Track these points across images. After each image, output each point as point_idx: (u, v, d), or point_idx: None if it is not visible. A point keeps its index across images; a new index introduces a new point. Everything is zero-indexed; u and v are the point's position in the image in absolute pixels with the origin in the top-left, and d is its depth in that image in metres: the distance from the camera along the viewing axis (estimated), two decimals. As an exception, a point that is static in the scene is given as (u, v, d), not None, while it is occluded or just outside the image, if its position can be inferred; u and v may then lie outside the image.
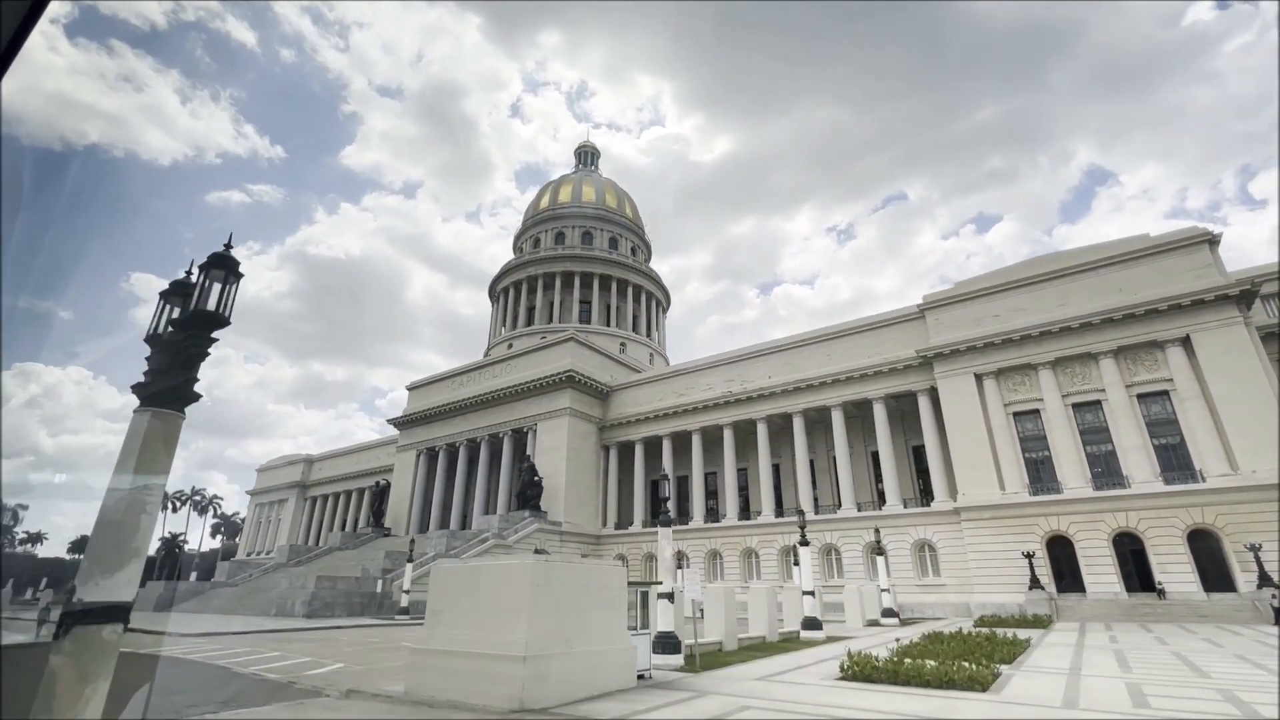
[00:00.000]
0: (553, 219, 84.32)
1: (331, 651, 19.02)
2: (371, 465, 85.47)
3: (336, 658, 17.37)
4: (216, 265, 5.69)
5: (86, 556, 4.96)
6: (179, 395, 5.46)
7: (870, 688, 11.93)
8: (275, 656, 17.52)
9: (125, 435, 5.31)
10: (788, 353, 52.84)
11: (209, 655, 17.93)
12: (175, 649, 19.78)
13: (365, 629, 29.96)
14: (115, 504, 5.01)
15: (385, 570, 41.95)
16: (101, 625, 4.71)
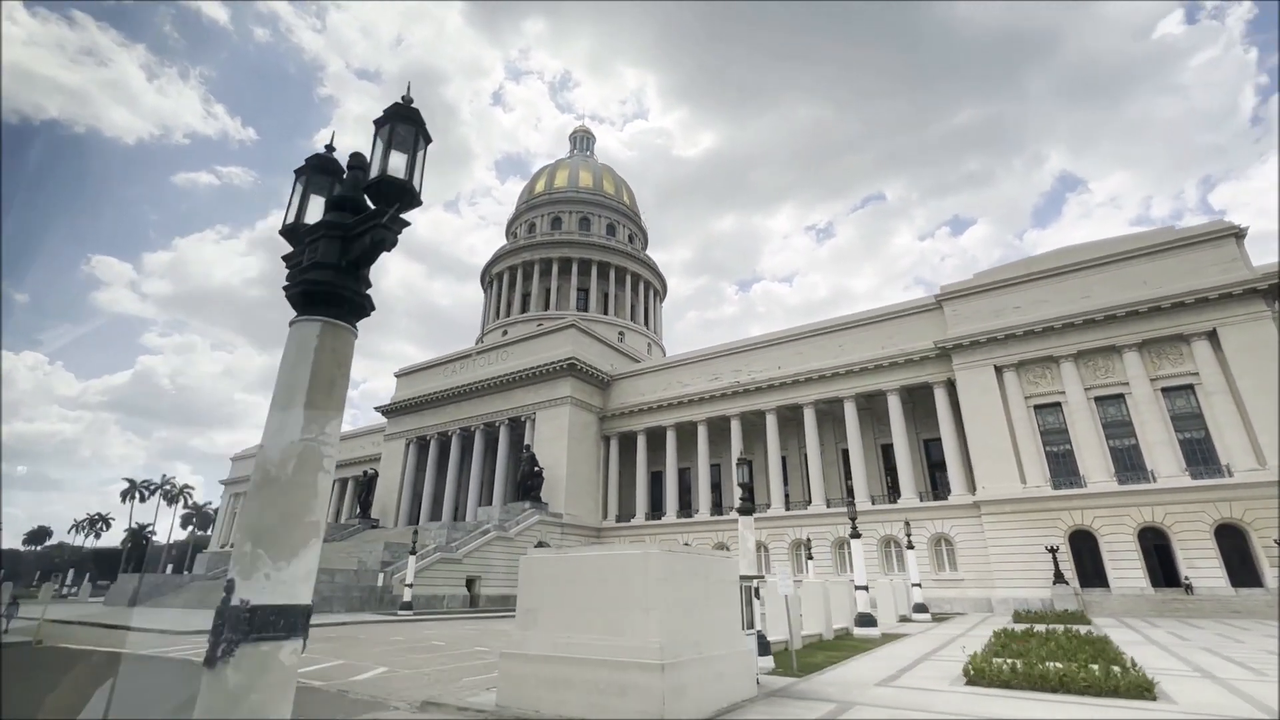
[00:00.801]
0: (549, 204, 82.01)
1: (358, 652, 17.13)
2: (355, 455, 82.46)
3: (371, 660, 15.51)
4: (403, 119, 3.94)
5: (245, 533, 3.22)
6: (354, 300, 3.72)
7: (1017, 695, 10.60)
8: (302, 659, 15.56)
9: (282, 360, 3.57)
10: (798, 343, 51.73)
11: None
12: (178, 649, 17.67)
13: (374, 625, 27.92)
14: (282, 457, 3.29)
15: (385, 563, 39.75)
16: (279, 641, 2.99)
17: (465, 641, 20.20)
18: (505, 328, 74.47)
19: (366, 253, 3.71)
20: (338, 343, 3.62)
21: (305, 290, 3.59)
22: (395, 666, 14.44)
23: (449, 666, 14.45)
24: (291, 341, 3.57)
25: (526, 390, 59.48)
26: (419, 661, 15.32)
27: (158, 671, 14.12)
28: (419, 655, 16.52)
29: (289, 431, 3.32)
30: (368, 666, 14.32)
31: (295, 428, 3.34)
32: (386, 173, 3.74)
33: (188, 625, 25.66)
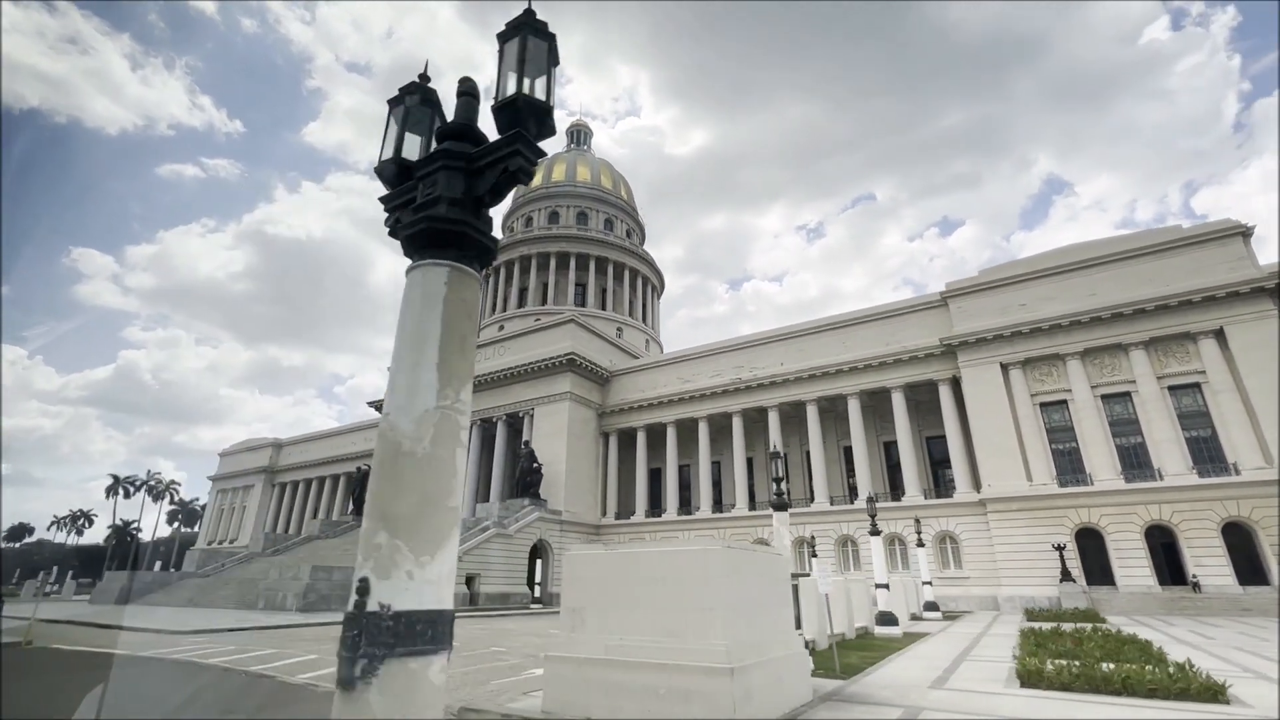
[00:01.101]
0: (546, 197, 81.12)
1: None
2: (347, 450, 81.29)
3: None
4: (534, 32, 3.29)
5: (377, 521, 2.59)
6: (481, 242, 3.10)
7: (1079, 698, 10.14)
8: (313, 660, 14.86)
9: (403, 311, 2.94)
10: (801, 339, 51.36)
11: (227, 658, 15.16)
12: (178, 649, 16.87)
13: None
14: (417, 428, 2.67)
15: (383, 560, 38.93)
16: (429, 655, 2.37)
17: (477, 642, 19.54)
18: (502, 323, 73.58)
19: (497, 186, 3.10)
20: (466, 292, 3.00)
21: (429, 229, 2.97)
22: None
23: (471, 669, 13.81)
24: (414, 289, 2.95)
25: (524, 386, 58.72)
26: None
27: (162, 674, 13.36)
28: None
29: (422, 396, 2.70)
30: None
31: (429, 391, 2.72)
32: (523, 92, 3.11)
33: (185, 625, 24.78)
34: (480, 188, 3.09)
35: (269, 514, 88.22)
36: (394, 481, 2.61)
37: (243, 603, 36.40)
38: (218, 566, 50.77)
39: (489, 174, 3.08)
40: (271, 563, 48.63)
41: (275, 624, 25.52)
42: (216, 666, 13.85)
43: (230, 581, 43.82)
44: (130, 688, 12.70)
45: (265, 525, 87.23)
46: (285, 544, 55.54)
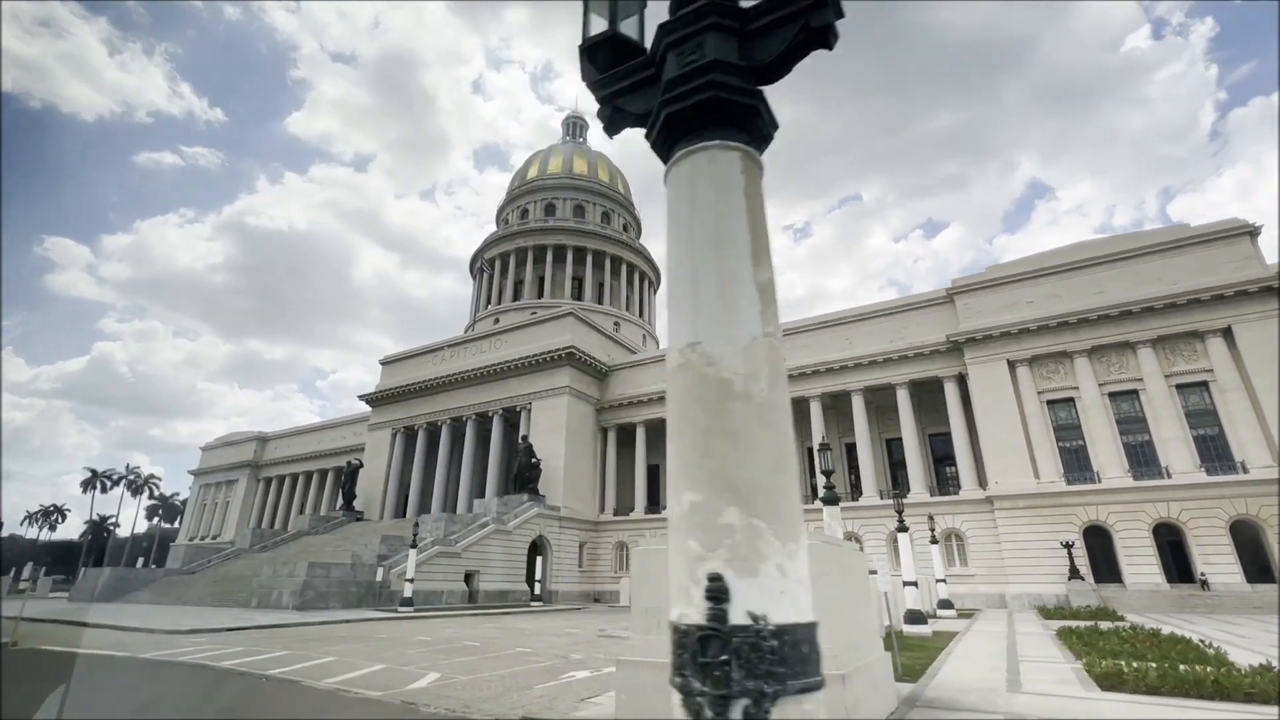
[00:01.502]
0: (542, 190, 79.92)
1: (393, 654, 15.49)
2: (334, 445, 79.61)
3: (413, 664, 13.92)
4: None
5: (718, 491, 1.78)
6: (766, 125, 2.29)
7: (1170, 702, 9.57)
8: (331, 662, 13.91)
9: (682, 211, 2.13)
10: (803, 335, 50.85)
11: (236, 660, 14.15)
12: (182, 651, 15.81)
13: (384, 623, 26.13)
14: (747, 363, 1.93)
15: (381, 556, 37.74)
16: (816, 690, 1.57)
17: (498, 642, 18.65)
18: (497, 315, 72.35)
19: (788, 52, 2.30)
20: (759, 189, 2.20)
21: (712, 99, 2.16)
22: (446, 672, 12.89)
23: (504, 672, 12.96)
24: (697, 180, 2.15)
25: (522, 380, 57.68)
26: (468, 665, 13.79)
27: (175, 680, 12.34)
28: (462, 658, 14.96)
29: (746, 319, 1.91)
30: (415, 672, 12.75)
31: (752, 312, 1.94)
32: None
33: (179, 624, 23.58)
34: (764, 53, 2.30)
35: (253, 509, 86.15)
36: (729, 435, 1.79)
37: (235, 600, 35.08)
38: (203, 563, 49.15)
39: (779, 33, 2.28)
40: (260, 559, 47.17)
41: (275, 623, 24.40)
42: (233, 670, 12.85)
43: (219, 578, 42.37)
44: (141, 694, 11.70)
45: (250, 521, 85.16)
46: (273, 540, 54.00)
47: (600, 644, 18.16)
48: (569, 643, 18.40)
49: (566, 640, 19.00)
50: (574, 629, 23.31)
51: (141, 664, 13.86)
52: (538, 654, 15.75)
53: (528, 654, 15.80)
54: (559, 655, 15.51)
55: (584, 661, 14.33)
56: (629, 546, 52.76)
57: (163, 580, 45.44)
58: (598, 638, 19.94)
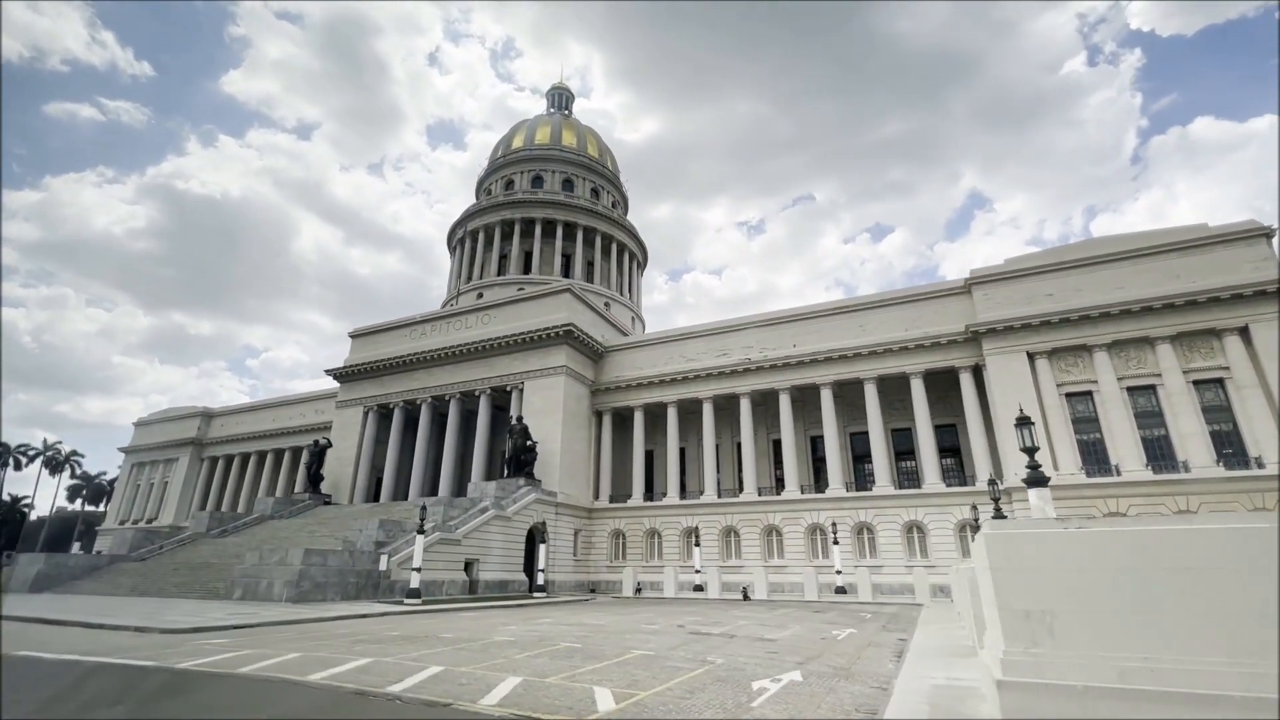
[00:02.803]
0: (529, 160, 75.96)
1: (450, 656, 12.80)
2: (293, 423, 73.91)
3: (481, 666, 11.35)
4: None
5: None
6: None
7: None
8: (439, 673, 11.14)
9: None
10: (814, 321, 49.78)
11: (322, 674, 11.22)
12: (210, 658, 12.65)
13: (402, 618, 23.05)
14: None
15: (379, 543, 34.15)
16: None
17: (594, 642, 16.12)
18: (480, 290, 68.34)
19: None
20: None
21: None
22: (529, 675, 10.44)
23: (682, 683, 10.57)
24: None
25: (513, 358, 54.35)
26: (557, 669, 11.29)
27: (274, 701, 9.37)
28: (540, 659, 12.38)
29: None
30: (489, 677, 10.24)
31: None
32: None
33: (164, 621, 19.93)
34: None
35: (196, 491, 79.19)
36: None
37: (207, 591, 30.95)
38: (155, 548, 43.93)
39: None
40: (226, 545, 42.52)
41: (289, 619, 21.01)
42: (326, 685, 9.96)
43: (181, 566, 37.75)
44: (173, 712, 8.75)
45: (192, 503, 78.27)
46: (234, 524, 49.00)
47: (716, 644, 15.94)
48: (673, 642, 16.09)
49: (666, 640, 16.68)
50: (649, 625, 20.95)
51: (198, 679, 10.72)
52: (666, 657, 13.38)
53: (653, 657, 13.40)
54: (695, 659, 13.20)
55: (744, 669, 12.08)
56: (626, 535, 50.62)
57: (110, 569, 40.24)
58: (693, 636, 17.69)
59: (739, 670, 11.92)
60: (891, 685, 10.20)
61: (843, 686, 10.46)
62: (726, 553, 46.78)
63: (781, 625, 21.44)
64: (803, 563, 43.64)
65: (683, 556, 47.91)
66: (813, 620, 23.76)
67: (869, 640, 17.61)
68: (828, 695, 9.75)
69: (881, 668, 12.64)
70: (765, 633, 18.96)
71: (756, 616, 25.26)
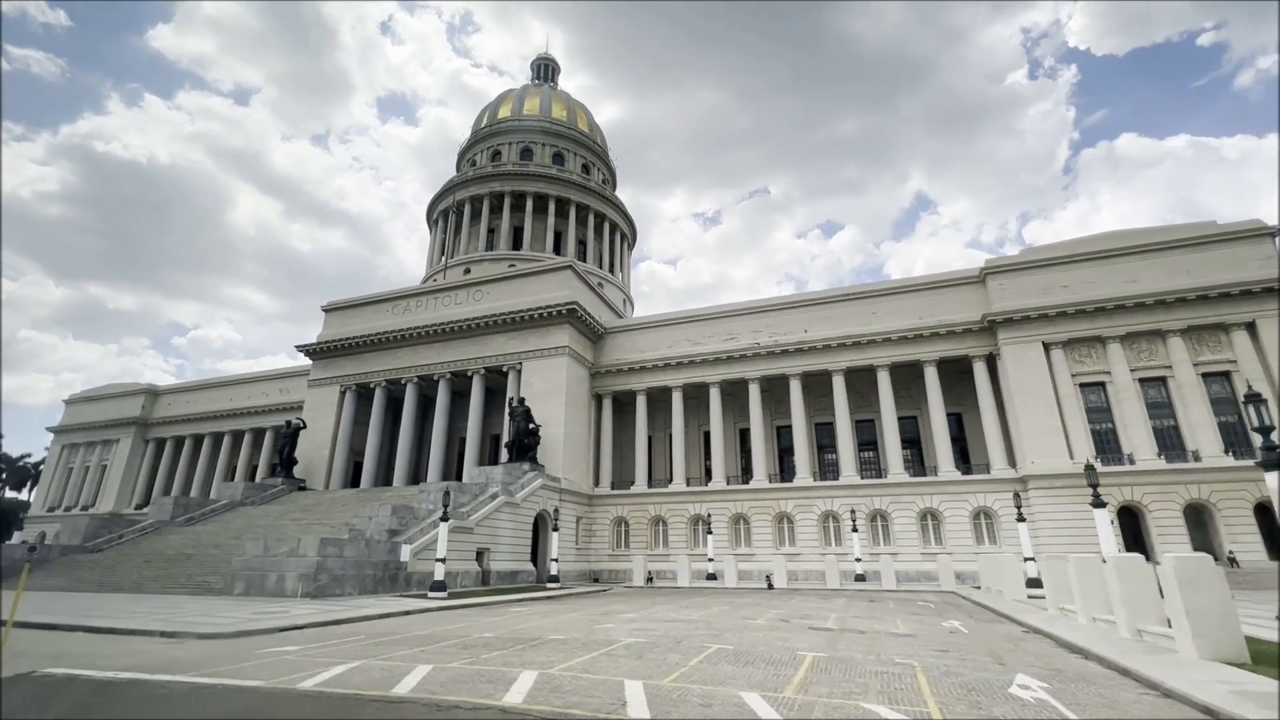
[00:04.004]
0: (518, 131, 72.30)
1: (628, 666, 10.92)
2: (254, 402, 68.70)
3: (720, 680, 9.58)
4: None
5: None
6: None
7: None
8: (603, 681, 9.23)
9: None
10: (827, 306, 49.12)
11: (462, 697, 9.13)
12: (303, 672, 10.32)
13: (448, 614, 20.71)
14: None
15: (392, 532, 31.23)
16: None
17: (679, 636, 14.38)
18: (468, 265, 64.75)
19: None
20: None
21: None
22: (765, 690, 8.74)
23: (875, 687, 9.01)
24: None
25: (510, 337, 51.53)
26: (780, 680, 9.62)
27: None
28: (724, 666, 10.67)
29: None
30: (724, 694, 8.49)
31: None
32: None
33: (188, 624, 17.06)
34: None
35: (140, 475, 72.65)
36: None
37: (200, 586, 27.52)
38: (113, 538, 39.37)
39: None
40: (202, 534, 38.54)
41: (327, 618, 18.39)
42: (515, 710, 7.89)
43: (152, 558, 33.80)
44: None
45: (136, 488, 71.82)
46: (200, 512, 44.63)
47: (859, 640, 14.48)
48: (815, 640, 14.53)
49: (808, 638, 15.11)
50: (751, 619, 19.34)
51: (353, 705, 8.41)
52: (849, 660, 11.80)
53: (837, 660, 11.80)
54: (886, 660, 11.68)
55: (960, 674, 10.64)
56: (630, 523, 48.98)
57: (62, 561, 35.74)
58: (817, 631, 16.21)
59: (961, 675, 10.48)
60: (1167, 686, 8.98)
61: (1120, 695, 9.15)
62: (736, 541, 45.81)
63: (869, 616, 20.28)
64: (816, 550, 43.10)
65: (690, 545, 46.68)
66: (886, 610, 22.74)
67: (1001, 634, 16.61)
68: (1134, 705, 8.39)
69: (1086, 667, 11.48)
70: (873, 625, 17.72)
71: (824, 606, 24.08)
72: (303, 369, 65.64)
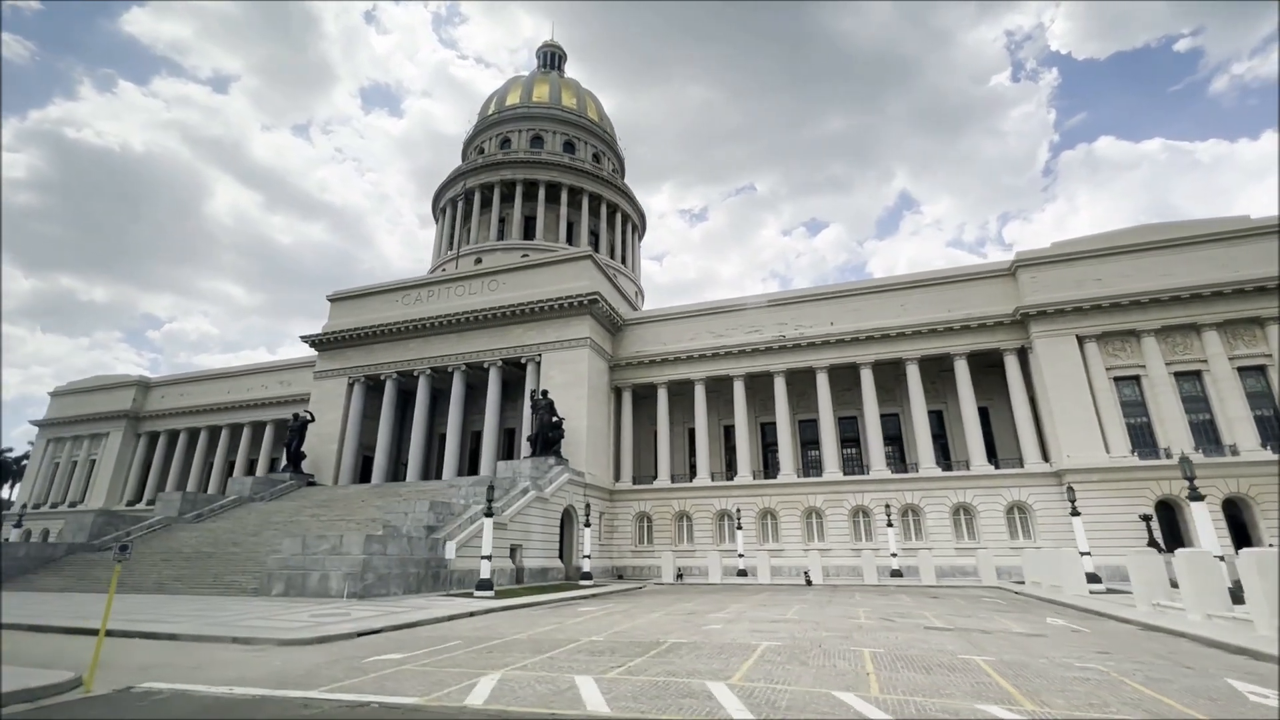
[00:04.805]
0: (528, 119, 70.61)
1: (830, 678, 9.92)
2: (256, 395, 66.35)
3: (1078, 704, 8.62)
4: None
5: None
6: None
7: None
8: (811, 696, 8.20)
9: None
10: (854, 299, 48.42)
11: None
12: (446, 690, 9.17)
13: (517, 614, 19.52)
14: None
15: (430, 528, 29.84)
16: None
17: (820, 642, 13.41)
18: (479, 255, 63.06)
19: None
20: None
21: None
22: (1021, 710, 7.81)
23: (1082, 699, 8.11)
24: None
25: (528, 328, 50.15)
26: (998, 696, 8.69)
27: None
28: (917, 675, 9.73)
29: None
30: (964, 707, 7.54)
31: None
32: None
33: (252, 629, 15.73)
34: None
35: (133, 470, 69.97)
36: None
37: (229, 586, 25.98)
38: (120, 535, 37.43)
39: None
40: (210, 531, 36.74)
41: (401, 620, 17.13)
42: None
43: (171, 556, 32.05)
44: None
45: (127, 483, 69.18)
46: (209, 509, 42.73)
47: (994, 641, 13.61)
48: (954, 644, 13.61)
49: (909, 635, 14.20)
50: (851, 618, 18.37)
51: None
52: (1028, 668, 10.89)
53: (1034, 665, 10.89)
54: (1074, 670, 10.80)
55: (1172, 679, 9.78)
56: (653, 518, 47.96)
57: (69, 560, 33.82)
58: (935, 631, 15.31)
59: (1170, 680, 9.61)
60: None
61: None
62: (763, 536, 45.03)
63: (960, 613, 19.49)
64: (847, 546, 42.48)
65: (716, 540, 45.83)
66: (963, 607, 21.99)
67: (1124, 632, 15.88)
68: None
69: (1258, 667, 10.69)
70: (984, 624, 16.90)
71: (897, 604, 23.27)
72: (305, 361, 63.64)
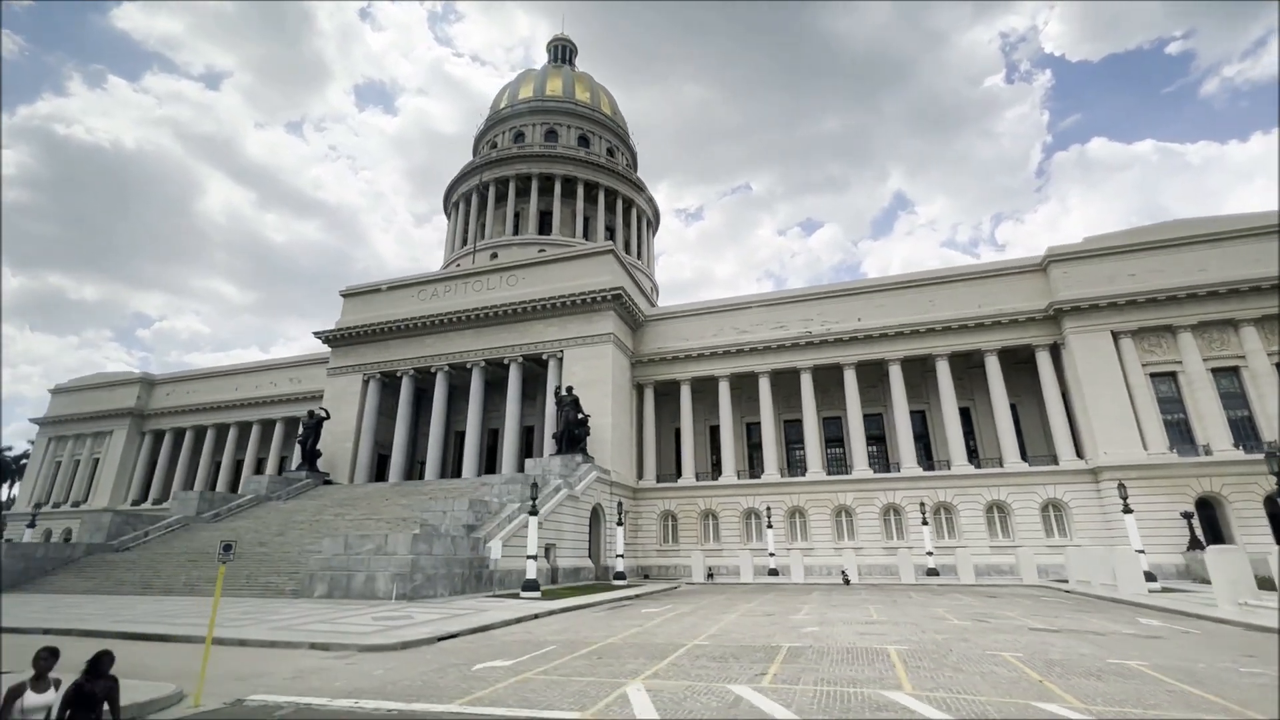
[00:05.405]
0: (542, 112, 69.67)
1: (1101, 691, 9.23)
2: (265, 392, 65.24)
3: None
4: None
5: None
6: None
7: None
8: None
9: None
10: (879, 295, 47.83)
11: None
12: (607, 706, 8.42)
13: (571, 617, 18.76)
14: None
15: (469, 527, 28.99)
16: None
17: (947, 643, 12.72)
18: (495, 250, 62.11)
19: None
20: None
21: None
22: None
23: None
24: None
25: (549, 323, 49.31)
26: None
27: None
28: (1143, 686, 9.05)
29: None
30: None
31: None
32: None
33: (335, 635, 14.92)
34: None
35: (138, 469, 68.63)
36: None
37: (265, 587, 25.07)
38: (138, 536, 36.38)
39: None
40: (231, 530, 35.71)
41: (471, 624, 16.32)
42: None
43: (197, 557, 31.06)
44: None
45: (133, 482, 67.85)
46: (228, 507, 41.69)
47: (1114, 643, 12.96)
48: (1079, 647, 12.95)
49: (1013, 636, 13.54)
50: (941, 619, 17.69)
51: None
52: (1191, 674, 10.25)
53: (1149, 667, 10.24)
54: (1240, 676, 10.15)
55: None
56: (678, 517, 47.23)
57: (89, 560, 32.75)
58: (1033, 630, 14.66)
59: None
60: None
61: None
62: (792, 535, 44.38)
63: (1040, 615, 18.86)
64: (879, 544, 41.91)
65: (743, 539, 45.16)
66: (1031, 608, 21.38)
67: (1224, 634, 15.25)
68: None
69: None
70: (1078, 625, 16.27)
71: (962, 603, 22.64)
72: (317, 357, 62.57)
